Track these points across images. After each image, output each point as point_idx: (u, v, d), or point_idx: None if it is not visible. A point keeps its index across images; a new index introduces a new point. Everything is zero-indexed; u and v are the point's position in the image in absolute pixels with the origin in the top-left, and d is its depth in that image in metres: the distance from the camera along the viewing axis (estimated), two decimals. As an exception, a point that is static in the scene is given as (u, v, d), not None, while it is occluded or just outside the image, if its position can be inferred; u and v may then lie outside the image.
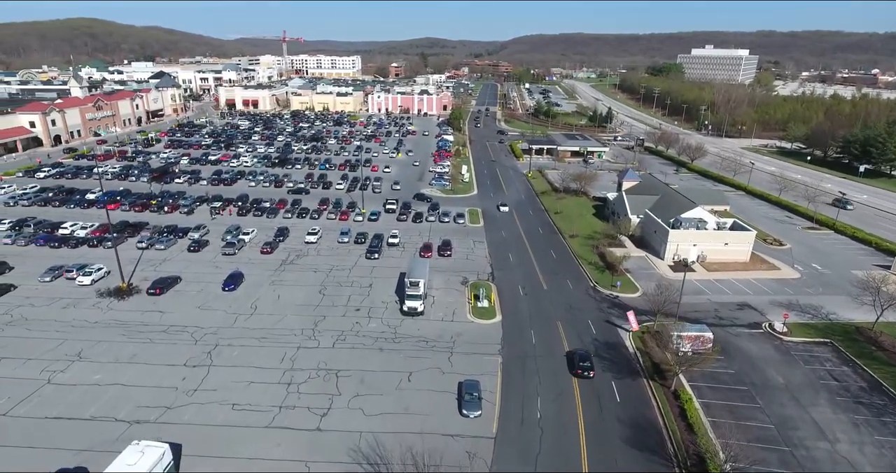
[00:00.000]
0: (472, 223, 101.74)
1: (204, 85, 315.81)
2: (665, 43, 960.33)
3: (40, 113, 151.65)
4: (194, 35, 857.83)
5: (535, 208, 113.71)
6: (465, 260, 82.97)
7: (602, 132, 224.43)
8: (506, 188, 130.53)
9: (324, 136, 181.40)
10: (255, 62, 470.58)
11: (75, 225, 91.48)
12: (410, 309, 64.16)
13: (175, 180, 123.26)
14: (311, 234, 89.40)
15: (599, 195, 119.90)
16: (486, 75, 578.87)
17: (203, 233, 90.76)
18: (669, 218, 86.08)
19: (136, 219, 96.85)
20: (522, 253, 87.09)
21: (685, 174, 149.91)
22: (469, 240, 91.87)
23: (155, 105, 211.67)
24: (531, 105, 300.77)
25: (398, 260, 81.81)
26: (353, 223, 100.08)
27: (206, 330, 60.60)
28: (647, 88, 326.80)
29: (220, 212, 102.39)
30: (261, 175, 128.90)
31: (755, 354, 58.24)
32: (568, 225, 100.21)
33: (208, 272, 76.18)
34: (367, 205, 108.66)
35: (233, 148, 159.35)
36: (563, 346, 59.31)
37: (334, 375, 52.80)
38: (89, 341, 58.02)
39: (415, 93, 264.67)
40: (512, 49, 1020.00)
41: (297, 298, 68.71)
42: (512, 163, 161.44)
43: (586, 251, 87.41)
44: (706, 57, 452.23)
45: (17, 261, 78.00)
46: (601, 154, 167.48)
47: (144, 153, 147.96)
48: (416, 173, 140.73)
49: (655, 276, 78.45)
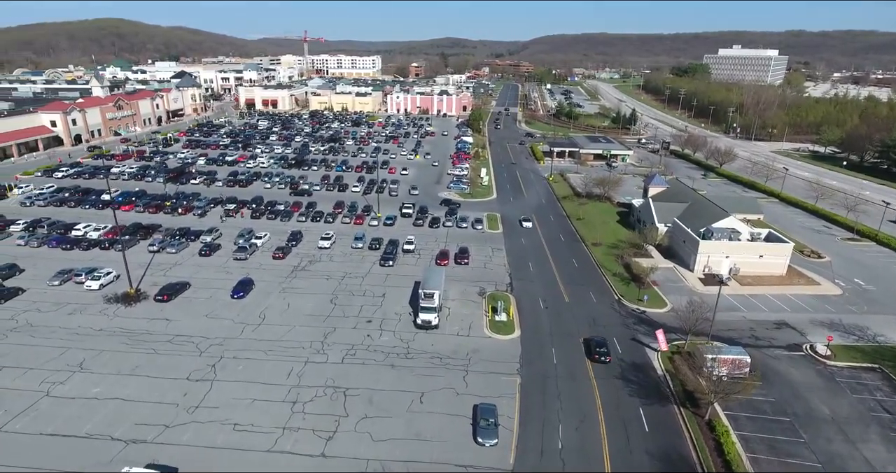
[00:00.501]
0: (491, 229, 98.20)
1: (225, 84, 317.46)
2: (690, 43, 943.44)
3: (61, 112, 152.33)
4: (218, 35, 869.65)
5: (556, 214, 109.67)
6: (483, 269, 79.52)
7: (626, 134, 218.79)
8: (526, 192, 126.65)
9: (341, 137, 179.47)
10: (276, 62, 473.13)
11: (88, 226, 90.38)
12: (424, 322, 60.99)
13: (191, 181, 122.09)
14: (325, 239, 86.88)
15: (624, 201, 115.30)
16: (507, 75, 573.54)
17: (215, 236, 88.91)
18: (699, 227, 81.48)
19: (150, 221, 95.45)
20: (543, 262, 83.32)
21: (713, 179, 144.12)
22: (487, 248, 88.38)
23: (175, 105, 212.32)
24: (552, 106, 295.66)
25: (413, 268, 78.73)
26: (369, 227, 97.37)
27: (211, 341, 58.24)
28: (672, 89, 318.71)
29: (233, 215, 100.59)
30: (277, 176, 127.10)
31: (797, 380, 53.71)
32: (591, 232, 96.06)
33: (218, 278, 74.05)
34: (383, 208, 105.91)
35: (250, 148, 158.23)
36: (588, 368, 55.44)
37: (342, 394, 49.86)
38: (92, 350, 56.07)
39: (434, 93, 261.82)
40: (533, 49, 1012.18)
41: (307, 307, 66.07)
42: (532, 165, 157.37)
43: (610, 261, 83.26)
44: (734, 57, 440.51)
45: (28, 263, 76.96)
46: (625, 157, 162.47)
47: (162, 153, 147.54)
48: (433, 176, 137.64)
49: (685, 290, 74.08)
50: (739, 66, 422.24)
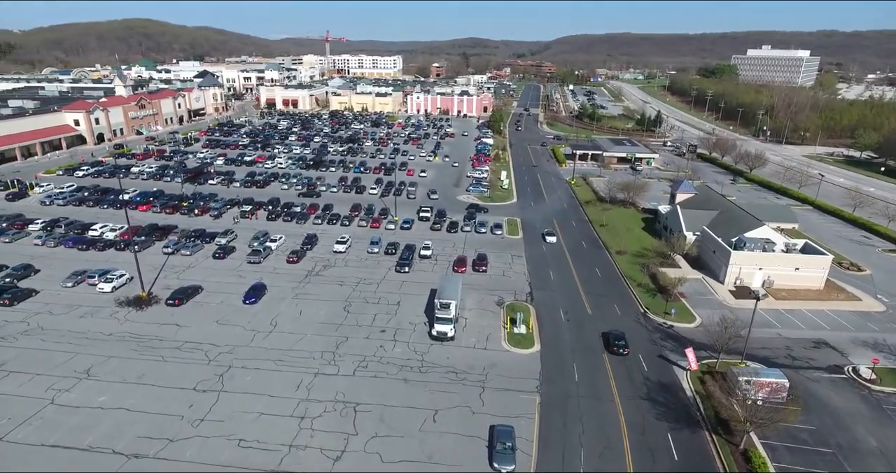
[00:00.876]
0: (511, 234, 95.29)
1: (247, 84, 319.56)
2: (717, 43, 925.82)
3: (84, 111, 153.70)
4: (242, 35, 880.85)
5: (578, 219, 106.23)
6: (502, 277, 76.72)
7: (650, 137, 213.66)
8: (547, 196, 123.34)
9: (360, 138, 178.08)
10: (298, 62, 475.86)
11: (105, 226, 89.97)
12: (440, 333, 58.51)
13: (208, 181, 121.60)
14: (340, 243, 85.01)
15: (649, 206, 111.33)
16: (529, 76, 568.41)
17: (230, 238, 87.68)
18: (731, 236, 77.52)
19: (166, 222, 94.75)
20: (564, 271, 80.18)
21: (743, 185, 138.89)
22: (506, 254, 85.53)
23: (197, 104, 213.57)
24: (575, 107, 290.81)
25: (430, 275, 76.33)
26: (385, 231, 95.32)
27: (221, 349, 56.60)
28: (698, 91, 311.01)
29: (250, 216, 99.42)
30: (294, 178, 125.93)
31: (839, 407, 49.86)
32: (615, 239, 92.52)
33: (231, 282, 72.62)
34: (401, 211, 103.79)
35: (269, 148, 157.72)
36: (612, 387, 52.34)
37: (352, 409, 47.64)
38: (101, 356, 54.85)
39: (455, 94, 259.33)
40: (556, 49, 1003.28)
41: (319, 315, 64.12)
42: (554, 168, 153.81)
43: (635, 270, 79.74)
44: (763, 58, 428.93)
45: (44, 264, 76.61)
46: (650, 161, 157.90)
47: (182, 152, 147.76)
48: (452, 178, 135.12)
49: (715, 303, 70.31)
50: (769, 67, 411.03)
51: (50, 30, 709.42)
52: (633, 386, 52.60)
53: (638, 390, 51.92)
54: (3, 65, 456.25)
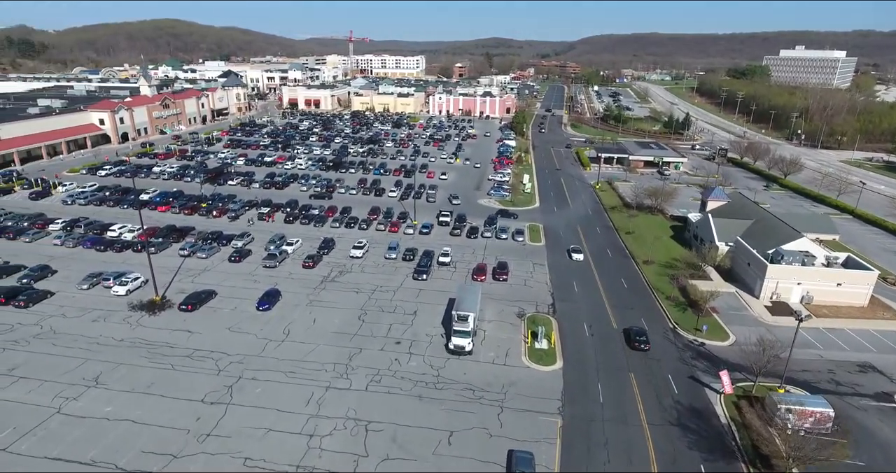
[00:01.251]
0: (533, 241, 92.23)
1: (270, 84, 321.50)
2: (747, 43, 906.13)
3: (109, 111, 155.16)
4: (268, 35, 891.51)
5: (603, 226, 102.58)
6: (523, 287, 73.80)
7: (678, 140, 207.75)
8: (571, 201, 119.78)
9: (381, 139, 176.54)
10: (321, 62, 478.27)
11: (123, 227, 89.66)
12: (457, 347, 55.96)
13: (228, 182, 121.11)
14: (357, 248, 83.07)
15: (678, 214, 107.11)
16: (553, 76, 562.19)
17: (247, 241, 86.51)
18: (767, 248, 73.30)
19: (184, 223, 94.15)
20: (588, 281, 76.88)
21: (777, 191, 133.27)
22: (528, 262, 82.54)
23: (220, 104, 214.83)
24: (600, 109, 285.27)
25: (448, 283, 73.84)
26: (404, 236, 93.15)
27: (231, 358, 54.97)
28: (728, 92, 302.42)
29: (266, 219, 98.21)
30: (313, 179, 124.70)
31: (890, 440, 45.85)
32: (641, 248, 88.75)
33: (245, 287, 71.18)
34: (420, 215, 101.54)
35: (290, 149, 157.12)
36: (640, 410, 49.12)
37: (363, 428, 45.39)
38: (110, 363, 53.68)
39: (477, 94, 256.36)
40: (580, 49, 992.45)
41: (333, 324, 62.14)
42: (578, 172, 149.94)
43: (664, 282, 76.00)
44: (796, 59, 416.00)
45: (61, 265, 76.35)
46: (678, 165, 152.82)
47: (204, 152, 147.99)
48: (473, 181, 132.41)
49: (749, 319, 66.36)
50: (802, 68, 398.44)
51: (83, 30, 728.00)
52: (663, 409, 49.30)
53: (667, 414, 48.62)
54: (37, 64, 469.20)
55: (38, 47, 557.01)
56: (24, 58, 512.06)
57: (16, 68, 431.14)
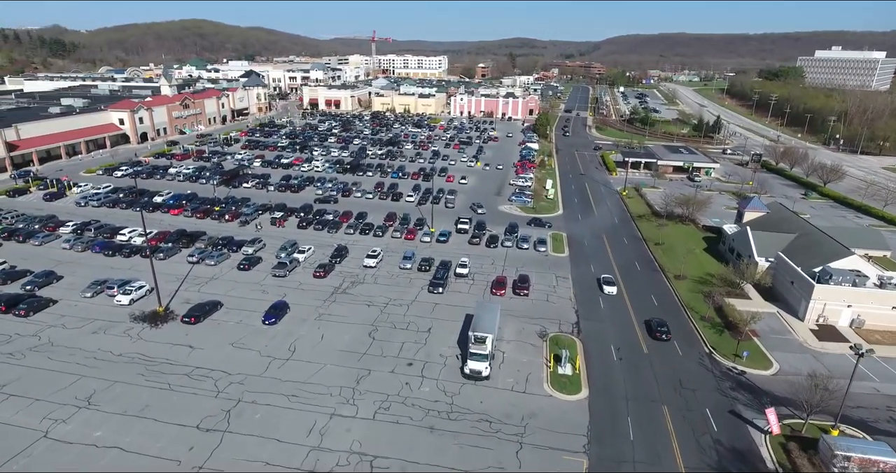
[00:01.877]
0: (556, 252, 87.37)
1: (292, 84, 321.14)
2: (778, 44, 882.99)
3: (129, 111, 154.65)
4: (293, 35, 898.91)
5: (630, 236, 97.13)
6: (545, 303, 69.14)
7: (708, 144, 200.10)
8: (596, 208, 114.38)
9: (401, 141, 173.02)
10: (344, 61, 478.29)
11: (134, 231, 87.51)
12: (473, 372, 51.68)
13: (243, 184, 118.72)
14: (371, 257, 79.32)
15: (711, 224, 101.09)
16: (578, 77, 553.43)
17: (258, 247, 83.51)
18: (813, 265, 67.34)
19: (196, 228, 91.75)
20: (616, 298, 71.81)
21: (816, 200, 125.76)
22: (550, 275, 77.78)
23: (241, 104, 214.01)
24: (626, 111, 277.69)
25: (465, 297, 69.62)
26: (420, 244, 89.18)
27: (232, 378, 51.59)
28: (761, 94, 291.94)
29: (278, 224, 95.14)
30: (329, 182, 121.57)
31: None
32: (672, 261, 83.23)
33: (253, 297, 67.99)
34: (438, 222, 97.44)
35: (307, 150, 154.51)
36: (675, 451, 44.16)
37: (368, 464, 41.45)
38: (106, 381, 50.77)
39: (499, 95, 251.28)
40: (605, 50, 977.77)
41: (342, 341, 58.42)
42: (603, 177, 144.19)
43: (697, 300, 70.58)
44: (832, 60, 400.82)
45: (68, 270, 74.32)
46: (709, 171, 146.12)
47: (221, 153, 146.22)
48: (494, 185, 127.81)
49: (794, 345, 60.67)
50: (839, 69, 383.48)
51: (113, 30, 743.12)
52: (701, 450, 44.29)
53: (706, 456, 43.62)
54: (67, 63, 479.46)
55: (69, 47, 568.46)
56: (55, 57, 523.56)
57: (47, 67, 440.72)
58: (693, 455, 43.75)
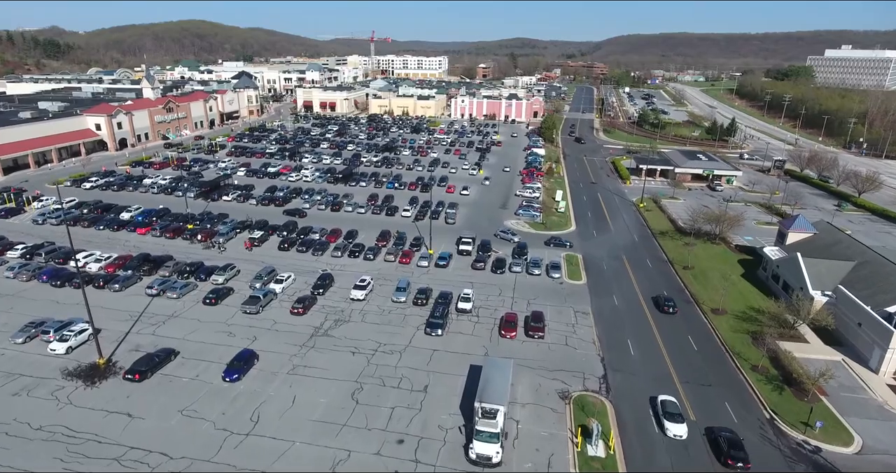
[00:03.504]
0: (572, 278, 76.36)
1: (287, 85, 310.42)
2: (781, 43, 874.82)
3: (105, 115, 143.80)
4: (292, 36, 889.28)
5: (654, 257, 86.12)
6: (564, 348, 58.16)
7: (723, 147, 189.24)
8: (612, 223, 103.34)
9: (398, 146, 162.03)
10: (342, 62, 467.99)
11: (90, 256, 76.62)
12: (481, 457, 40.63)
13: (223, 197, 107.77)
14: (360, 288, 68.33)
15: (743, 242, 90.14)
16: (580, 77, 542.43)
17: (230, 275, 72.56)
18: (884, 303, 56.43)
19: (164, 250, 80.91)
20: (647, 339, 60.83)
21: (851, 212, 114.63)
22: (568, 309, 66.76)
23: (230, 107, 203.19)
24: (633, 112, 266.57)
25: (469, 341, 58.72)
26: (416, 268, 78.24)
27: (172, 465, 40.57)
28: (773, 94, 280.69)
29: (251, 245, 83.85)
30: (318, 194, 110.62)
31: None
32: (707, 290, 72.22)
33: (217, 342, 57.11)
34: (437, 240, 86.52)
35: (297, 157, 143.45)
36: None
37: None
38: (8, 470, 39.83)
39: (502, 97, 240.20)
40: (606, 50, 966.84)
41: (318, 407, 47.40)
42: (616, 186, 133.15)
43: (744, 343, 59.60)
44: (843, 59, 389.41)
45: (6, 304, 63.76)
46: (730, 179, 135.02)
47: (203, 161, 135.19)
48: (499, 196, 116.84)
49: (871, 406, 49.73)
50: (851, 68, 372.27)
51: (111, 31, 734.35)
52: None
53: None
54: (61, 65, 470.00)
55: (63, 48, 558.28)
56: (49, 58, 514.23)
57: (40, 69, 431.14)
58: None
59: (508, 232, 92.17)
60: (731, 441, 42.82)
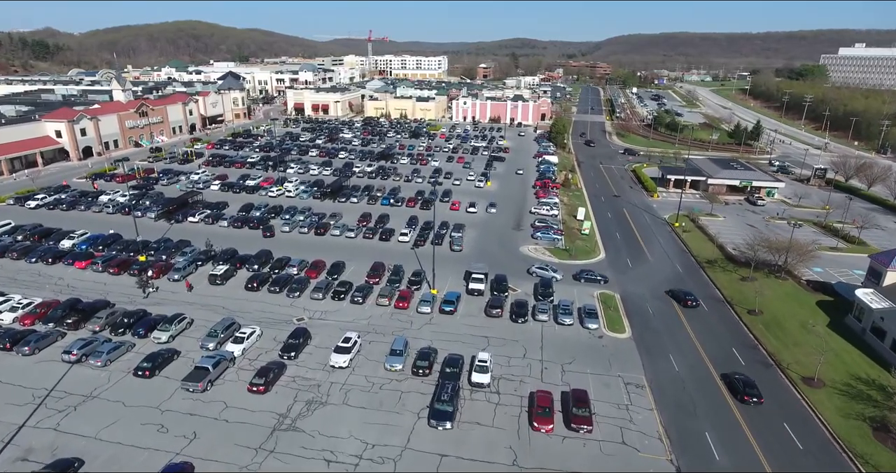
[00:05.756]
0: (613, 329, 60.45)
1: (280, 86, 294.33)
2: (783, 43, 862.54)
3: (66, 121, 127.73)
4: (290, 36, 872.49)
5: (708, 296, 70.16)
6: (621, 448, 42.20)
7: (748, 152, 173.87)
8: (646, 248, 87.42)
9: (395, 153, 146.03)
10: (338, 62, 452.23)
11: (8, 301, 60.70)
12: None
13: (189, 218, 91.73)
14: (341, 351, 52.31)
15: (813, 276, 74.38)
16: (584, 78, 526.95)
17: (178, 330, 56.60)
18: None
19: (103, 293, 65.02)
20: (730, 430, 44.86)
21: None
22: (616, 381, 50.81)
23: (214, 110, 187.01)
24: (645, 114, 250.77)
25: (489, 436, 42.85)
26: (416, 315, 62.35)
27: None
28: (791, 95, 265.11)
29: (188, 286, 67.60)
30: (302, 213, 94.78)
31: None
32: (788, 348, 56.36)
33: (139, 442, 41.17)
34: (441, 273, 70.59)
35: (282, 167, 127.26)
36: None
37: None
38: None
39: (507, 99, 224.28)
40: (607, 49, 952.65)
41: None
42: (643, 199, 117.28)
43: (862, 435, 43.74)
44: (859, 57, 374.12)
45: None
46: (771, 191, 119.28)
47: (173, 173, 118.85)
48: (512, 215, 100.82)
49: None
50: (868, 67, 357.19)
51: (105, 32, 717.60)
52: None
53: None
54: (50, 66, 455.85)
55: (52, 49, 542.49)
56: (37, 60, 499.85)
57: (28, 70, 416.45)
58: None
59: (548, 267, 74.90)
60: (745, 381, 49.02)
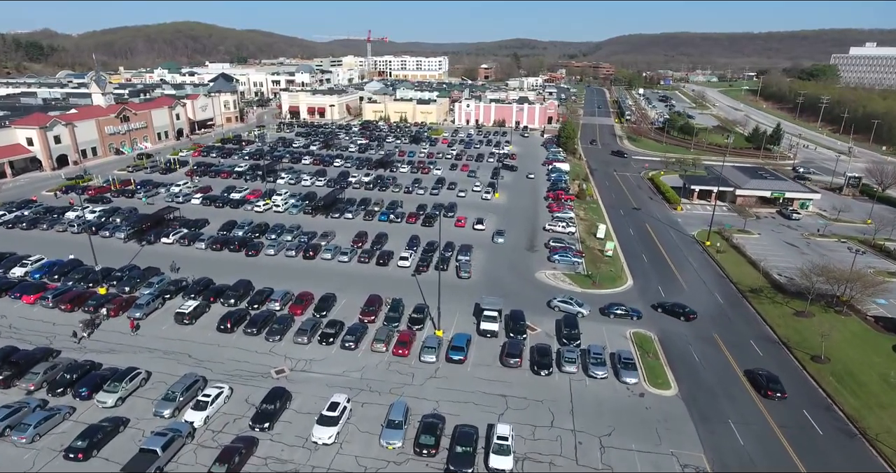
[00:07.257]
0: (656, 385, 50.26)
1: (276, 88, 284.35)
2: (785, 42, 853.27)
3: (38, 127, 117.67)
4: (289, 37, 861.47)
5: (760, 337, 59.94)
6: None
7: (768, 157, 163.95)
8: (679, 273, 77.18)
9: (395, 161, 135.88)
10: (336, 63, 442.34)
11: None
12: None
13: (163, 239, 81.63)
14: (327, 423, 42.08)
15: (877, 309, 64.17)
16: (587, 78, 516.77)
17: (130, 389, 46.55)
18: None
19: (50, 335, 55.01)
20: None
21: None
22: (670, 461, 40.64)
23: (203, 114, 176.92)
24: (655, 117, 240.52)
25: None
26: (419, 366, 52.23)
27: None
28: (807, 96, 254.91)
29: (135, 327, 57.60)
30: (290, 232, 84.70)
31: None
32: (871, 408, 46.25)
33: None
34: (447, 306, 60.50)
35: (272, 177, 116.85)
36: None
37: None
38: None
39: (513, 101, 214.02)
40: (608, 50, 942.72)
41: None
42: (665, 213, 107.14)
43: None
44: (872, 57, 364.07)
45: None
46: (805, 203, 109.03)
47: (152, 185, 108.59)
48: (524, 233, 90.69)
49: None
50: (881, 67, 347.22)
51: (102, 33, 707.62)
52: None
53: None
54: (44, 67, 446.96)
55: (47, 50, 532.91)
56: (31, 61, 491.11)
57: (20, 72, 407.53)
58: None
59: (572, 300, 64.54)
60: (769, 377, 48.21)
